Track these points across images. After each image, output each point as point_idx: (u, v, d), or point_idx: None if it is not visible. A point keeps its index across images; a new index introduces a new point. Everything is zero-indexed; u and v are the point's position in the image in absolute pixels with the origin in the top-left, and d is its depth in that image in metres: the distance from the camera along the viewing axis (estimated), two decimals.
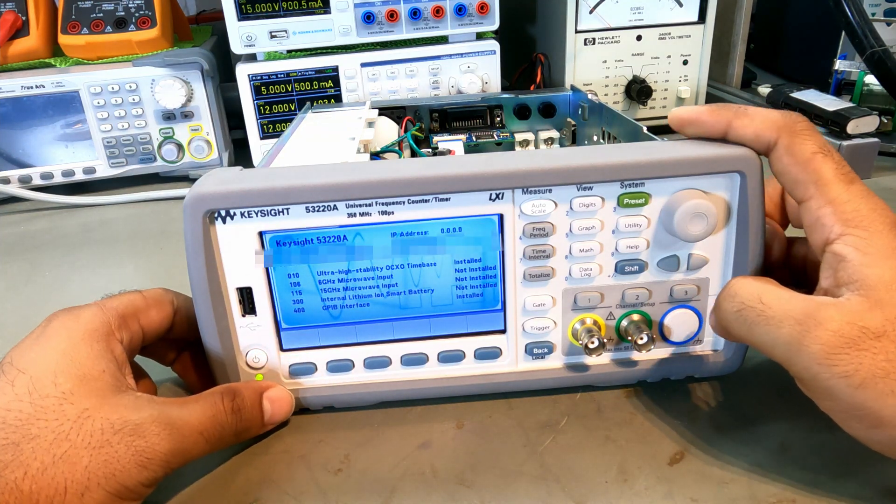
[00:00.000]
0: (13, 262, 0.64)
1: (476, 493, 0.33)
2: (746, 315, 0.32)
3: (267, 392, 0.37)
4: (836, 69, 0.80)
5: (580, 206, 0.36)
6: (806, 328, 0.29)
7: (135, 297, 0.37)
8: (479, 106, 0.68)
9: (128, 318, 0.35)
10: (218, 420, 0.34)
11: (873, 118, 0.69)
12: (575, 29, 0.79)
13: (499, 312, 0.39)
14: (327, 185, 0.34)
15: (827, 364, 0.28)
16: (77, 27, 0.78)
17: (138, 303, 0.36)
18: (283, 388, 0.38)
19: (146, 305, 0.37)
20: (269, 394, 0.37)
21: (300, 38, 0.74)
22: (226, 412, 0.34)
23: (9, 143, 0.76)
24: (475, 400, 0.40)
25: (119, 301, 0.36)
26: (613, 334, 0.39)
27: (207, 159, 0.80)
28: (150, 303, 0.37)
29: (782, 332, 0.30)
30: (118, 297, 0.36)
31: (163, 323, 0.37)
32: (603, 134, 0.59)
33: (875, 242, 0.30)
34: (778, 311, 0.30)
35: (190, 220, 0.35)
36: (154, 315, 0.37)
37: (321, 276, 0.37)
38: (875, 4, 0.84)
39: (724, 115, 0.34)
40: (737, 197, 0.36)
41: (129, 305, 0.36)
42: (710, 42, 0.82)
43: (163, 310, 0.37)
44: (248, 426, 0.36)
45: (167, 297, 0.38)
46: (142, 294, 0.37)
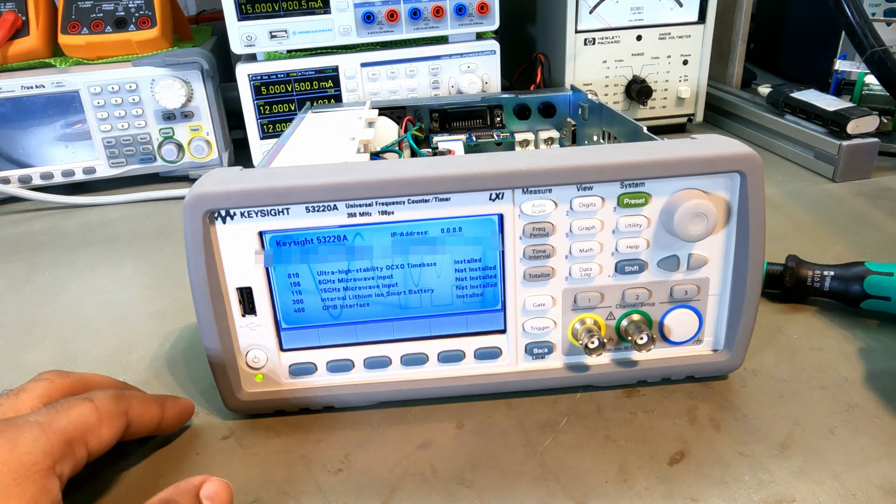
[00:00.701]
0: (13, 262, 0.64)
1: (476, 493, 0.33)
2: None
3: (203, 490, 0.32)
4: (836, 69, 0.80)
5: (580, 206, 0.36)
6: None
7: (86, 413, 0.31)
8: (479, 106, 0.68)
9: (75, 444, 0.30)
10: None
11: (873, 118, 0.69)
12: (575, 29, 0.79)
13: (499, 312, 0.39)
14: (327, 185, 0.34)
15: None
16: (77, 27, 0.78)
17: (89, 421, 0.31)
18: (218, 481, 0.32)
19: (98, 423, 0.32)
20: (206, 491, 0.32)
21: (300, 38, 0.74)
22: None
23: (9, 143, 0.76)
24: (475, 400, 0.40)
25: (67, 420, 0.30)
26: (613, 334, 0.39)
27: (207, 159, 0.80)
28: (102, 418, 0.32)
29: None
30: (67, 412, 0.31)
31: (112, 441, 0.33)
32: (603, 134, 0.59)
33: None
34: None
35: (190, 220, 0.35)
36: (105, 434, 0.32)
37: (321, 276, 0.37)
38: (875, 4, 0.84)
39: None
40: (737, 197, 0.36)
41: (78, 426, 0.31)
42: (710, 42, 0.82)
43: (115, 426, 0.33)
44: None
45: (121, 407, 0.34)
46: (94, 405, 0.32)
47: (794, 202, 0.65)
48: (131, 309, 0.54)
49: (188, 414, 0.39)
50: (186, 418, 0.39)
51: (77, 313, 0.54)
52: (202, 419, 0.40)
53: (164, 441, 0.38)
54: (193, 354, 0.47)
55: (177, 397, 0.39)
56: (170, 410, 0.37)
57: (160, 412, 0.37)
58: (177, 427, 0.39)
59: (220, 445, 0.38)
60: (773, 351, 0.43)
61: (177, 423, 0.39)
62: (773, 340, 0.44)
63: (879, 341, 0.43)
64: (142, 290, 0.57)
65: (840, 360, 0.42)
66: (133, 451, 0.38)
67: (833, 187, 0.69)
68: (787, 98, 0.77)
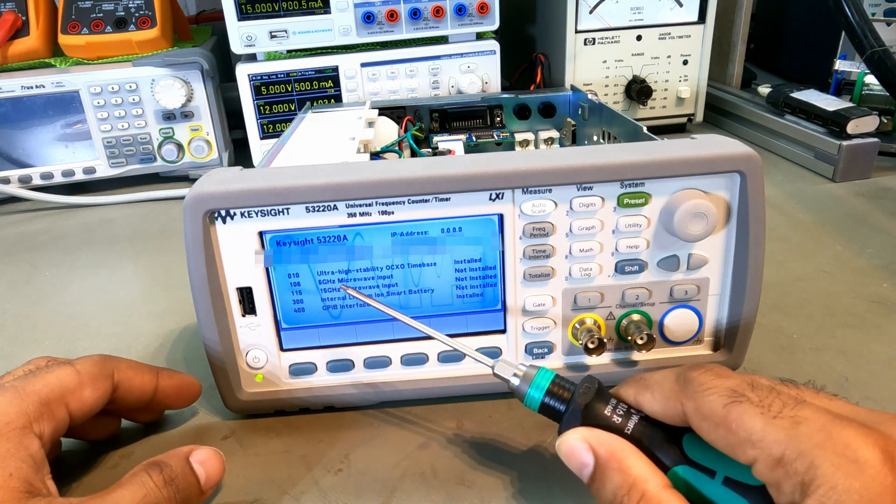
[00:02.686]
0: (13, 262, 0.64)
1: (476, 493, 0.33)
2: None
3: (193, 456, 0.32)
4: (836, 69, 0.80)
5: (580, 206, 0.36)
6: None
7: (65, 375, 0.32)
8: (479, 106, 0.68)
9: (52, 405, 0.30)
10: (152, 499, 0.29)
11: (873, 118, 0.69)
12: (575, 29, 0.79)
13: (499, 312, 0.39)
14: (327, 185, 0.34)
15: None
16: (77, 27, 0.78)
17: (68, 382, 0.31)
18: (208, 448, 0.33)
19: (78, 384, 0.32)
20: (196, 457, 0.32)
21: (300, 38, 0.74)
22: (158, 487, 0.29)
23: (9, 143, 0.76)
24: (475, 400, 0.40)
25: (44, 382, 0.31)
26: (613, 334, 0.39)
27: (207, 159, 0.80)
28: (84, 380, 0.32)
29: None
30: (44, 376, 0.31)
31: (97, 402, 0.33)
32: (603, 134, 0.59)
33: (848, 499, 0.21)
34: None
35: (190, 220, 0.35)
36: (87, 395, 0.32)
37: (321, 275, 0.37)
38: (875, 4, 0.84)
39: (629, 395, 0.30)
40: (737, 197, 0.36)
41: (55, 388, 0.31)
42: (710, 42, 0.82)
43: (99, 388, 0.33)
44: (187, 496, 0.31)
45: (106, 369, 0.34)
46: (75, 368, 0.32)
47: (794, 202, 0.65)
48: (131, 309, 0.54)
49: (190, 390, 0.39)
50: (190, 395, 0.39)
51: (77, 313, 0.54)
52: (202, 419, 0.40)
53: (165, 441, 0.38)
54: (193, 354, 0.47)
55: (177, 371, 0.39)
56: (165, 380, 0.37)
57: (153, 380, 0.36)
58: (179, 402, 0.38)
59: (220, 445, 0.38)
60: (773, 351, 0.43)
61: (176, 397, 0.38)
62: (773, 340, 0.44)
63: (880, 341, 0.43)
64: (142, 290, 0.57)
65: (840, 360, 0.42)
66: (133, 450, 0.38)
67: (833, 187, 0.69)
68: (787, 98, 0.77)
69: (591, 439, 0.28)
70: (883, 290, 0.49)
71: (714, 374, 0.26)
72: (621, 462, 0.27)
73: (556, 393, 0.31)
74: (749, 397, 0.25)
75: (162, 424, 0.40)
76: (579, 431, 0.29)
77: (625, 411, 0.29)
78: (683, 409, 0.26)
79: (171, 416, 0.40)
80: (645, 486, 0.26)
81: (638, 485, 0.26)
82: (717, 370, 0.27)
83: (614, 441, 0.28)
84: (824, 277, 0.52)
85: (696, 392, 0.26)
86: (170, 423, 0.40)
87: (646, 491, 0.26)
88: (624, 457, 0.27)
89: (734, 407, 0.24)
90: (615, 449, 0.28)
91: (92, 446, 0.38)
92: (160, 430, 0.39)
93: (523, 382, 0.31)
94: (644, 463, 0.27)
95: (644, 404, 0.29)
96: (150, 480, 0.29)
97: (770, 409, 0.24)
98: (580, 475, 0.29)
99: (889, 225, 0.60)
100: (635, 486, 0.26)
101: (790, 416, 0.23)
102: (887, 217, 0.61)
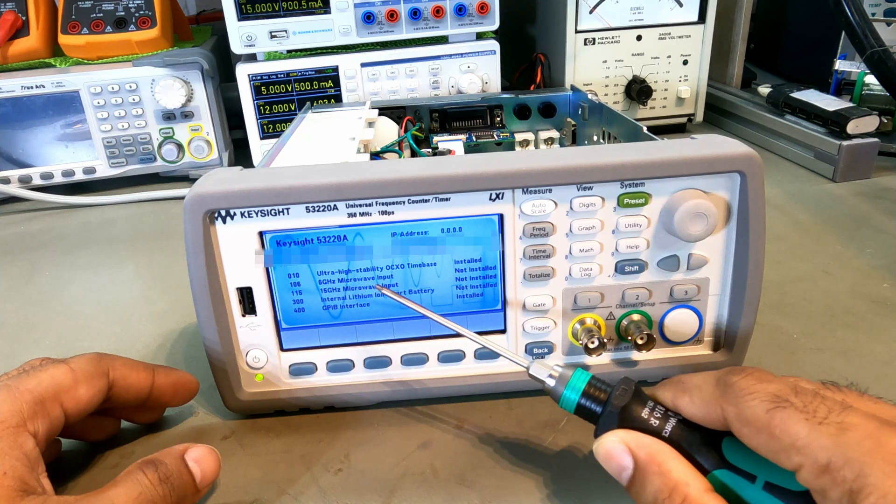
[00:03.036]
0: (13, 262, 0.64)
1: (476, 493, 0.33)
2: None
3: (188, 454, 0.32)
4: (836, 69, 0.80)
5: (580, 206, 0.36)
6: None
7: (59, 373, 0.32)
8: (479, 106, 0.68)
9: (47, 403, 0.30)
10: (147, 497, 0.29)
11: (873, 118, 0.69)
12: (575, 29, 0.79)
13: (499, 312, 0.39)
14: (327, 185, 0.34)
15: None
16: (77, 27, 0.78)
17: (63, 380, 0.31)
18: (203, 446, 0.33)
19: (73, 382, 0.32)
20: (192, 455, 0.32)
21: (300, 38, 0.74)
22: (153, 485, 0.29)
23: (9, 143, 0.76)
24: (475, 400, 0.40)
25: (38, 381, 0.31)
26: (613, 334, 0.39)
27: (207, 159, 0.80)
28: (78, 378, 0.32)
29: None
30: (38, 375, 0.31)
31: (93, 401, 0.33)
32: (603, 134, 0.59)
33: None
34: None
35: (190, 220, 0.35)
36: (82, 393, 0.32)
37: (321, 275, 0.37)
38: (875, 4, 0.84)
39: (667, 398, 0.30)
40: (737, 197, 0.36)
41: (49, 386, 0.31)
42: (710, 42, 0.82)
43: (94, 386, 0.33)
44: (182, 494, 0.31)
45: (101, 367, 0.33)
46: (69, 367, 0.32)
47: (794, 202, 0.65)
48: (131, 309, 0.54)
49: (187, 387, 0.38)
50: (187, 392, 0.39)
51: (77, 313, 0.54)
52: (202, 419, 0.40)
53: (164, 441, 0.38)
54: (193, 354, 0.47)
55: (173, 368, 0.39)
56: (161, 378, 0.37)
57: (149, 377, 0.36)
58: (176, 399, 0.38)
59: (220, 445, 0.38)
60: (773, 351, 0.43)
61: (173, 394, 0.38)
62: (773, 340, 0.44)
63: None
64: (142, 290, 0.57)
65: (840, 360, 0.42)
66: (133, 450, 0.38)
67: (833, 187, 0.69)
68: (787, 98, 0.77)
69: (630, 442, 0.28)
70: (883, 290, 0.49)
71: (755, 379, 0.26)
72: (661, 465, 0.27)
73: (592, 394, 0.30)
74: (793, 402, 0.24)
75: (161, 425, 0.40)
76: (617, 434, 0.29)
77: (662, 414, 0.29)
78: (724, 413, 0.26)
79: (171, 417, 0.40)
80: (686, 489, 0.26)
81: (679, 488, 0.26)
82: (759, 374, 0.26)
83: (654, 444, 0.28)
84: (824, 277, 0.52)
85: (737, 397, 0.26)
86: (169, 424, 0.40)
87: (687, 495, 0.26)
88: (664, 460, 0.27)
89: (777, 412, 0.24)
90: (655, 452, 0.27)
91: (92, 446, 0.38)
92: (160, 431, 0.39)
93: (559, 383, 0.31)
94: (685, 466, 0.27)
95: (682, 407, 0.28)
96: (145, 478, 0.29)
97: (815, 414, 0.24)
98: (618, 478, 0.28)
99: (889, 225, 0.60)
100: (676, 490, 0.26)
101: (836, 423, 0.23)
102: (887, 217, 0.61)
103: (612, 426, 0.29)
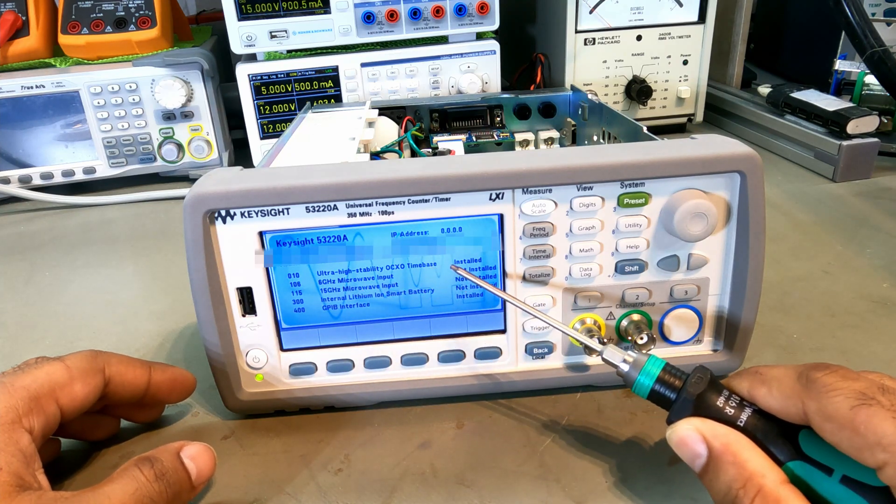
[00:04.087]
0: (13, 262, 0.64)
1: (476, 493, 0.33)
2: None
3: (184, 451, 0.32)
4: (836, 69, 0.80)
5: (580, 206, 0.36)
6: None
7: (54, 370, 0.32)
8: (479, 106, 0.68)
9: (42, 400, 0.30)
10: (143, 493, 0.29)
11: (873, 118, 0.69)
12: (575, 29, 0.79)
13: (499, 312, 0.39)
14: (327, 185, 0.34)
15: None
16: (77, 27, 0.78)
17: (58, 377, 0.31)
18: (199, 444, 0.33)
19: (69, 379, 0.32)
20: (187, 452, 0.32)
21: (300, 38, 0.74)
22: (149, 482, 0.30)
23: (9, 143, 0.76)
24: (475, 400, 0.40)
25: (32, 378, 0.31)
26: (613, 334, 0.39)
27: (207, 159, 0.80)
28: (74, 375, 0.32)
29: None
30: (33, 372, 0.31)
31: (88, 397, 0.33)
32: (603, 134, 0.59)
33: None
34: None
35: (190, 220, 0.35)
36: (78, 390, 0.32)
37: (321, 275, 0.37)
38: (875, 4, 0.84)
39: (743, 388, 0.29)
40: (737, 197, 0.36)
41: (44, 383, 0.31)
42: (710, 42, 0.82)
43: (89, 382, 0.33)
44: (178, 491, 0.31)
45: (96, 364, 0.33)
46: (65, 364, 0.32)
47: (794, 202, 0.65)
48: (131, 309, 0.54)
49: (184, 383, 0.38)
50: (184, 389, 0.38)
51: (77, 313, 0.54)
52: (202, 419, 0.40)
53: (164, 441, 0.38)
54: (193, 354, 0.47)
55: (170, 365, 0.38)
56: (158, 374, 0.37)
57: (146, 374, 0.36)
58: (174, 396, 0.38)
59: (220, 445, 0.38)
60: (773, 351, 0.43)
61: (170, 390, 0.37)
62: (773, 340, 0.44)
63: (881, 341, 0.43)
64: (142, 290, 0.57)
65: (840, 360, 0.42)
66: (133, 450, 0.38)
67: (833, 187, 0.69)
68: (787, 98, 0.77)
69: (706, 430, 0.28)
70: (883, 290, 0.49)
71: (840, 376, 0.26)
72: (737, 455, 0.27)
73: (666, 381, 0.30)
74: (880, 401, 0.24)
75: (161, 424, 0.40)
76: (692, 422, 0.29)
77: (738, 403, 0.29)
78: (805, 408, 0.26)
79: (171, 416, 0.40)
80: (762, 480, 0.26)
81: (754, 479, 0.26)
82: (843, 372, 0.26)
83: (729, 433, 0.28)
84: (824, 277, 0.52)
85: (820, 392, 0.25)
86: (169, 423, 0.40)
87: (762, 486, 0.26)
88: (739, 450, 0.27)
89: (862, 409, 0.24)
90: (730, 441, 0.27)
91: (91, 446, 0.38)
92: (159, 430, 0.39)
93: (633, 369, 0.31)
94: (760, 457, 0.27)
95: (759, 399, 0.28)
96: (141, 475, 0.30)
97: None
98: (692, 465, 0.28)
99: (889, 225, 0.60)
100: (752, 480, 0.26)
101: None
102: (887, 217, 0.61)
103: (686, 413, 0.29)
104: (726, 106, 0.88)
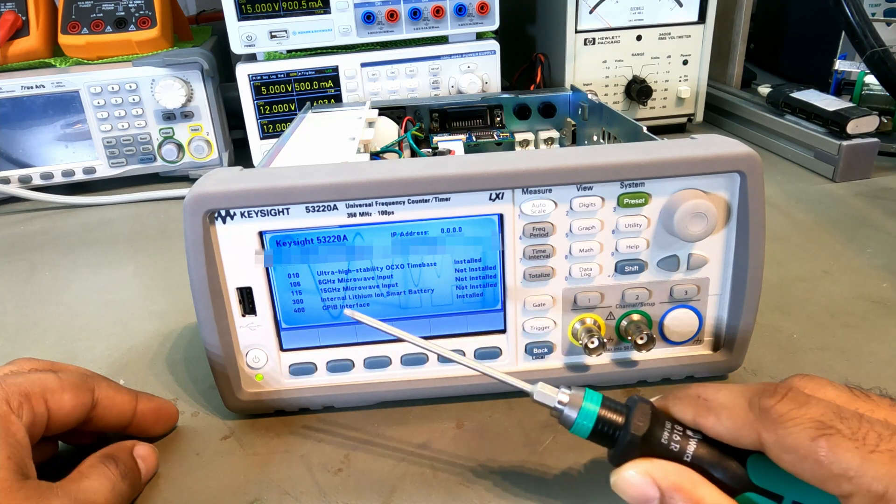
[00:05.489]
0: (13, 262, 0.64)
1: (476, 493, 0.33)
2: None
3: (136, 450, 0.34)
4: (836, 69, 0.80)
5: (580, 206, 0.36)
6: None
7: (45, 377, 0.32)
8: (479, 106, 0.68)
9: (33, 398, 0.31)
10: (117, 490, 0.31)
11: (873, 118, 0.69)
12: (575, 29, 0.79)
13: (499, 312, 0.39)
14: (327, 185, 0.34)
15: None
16: (77, 27, 0.78)
17: (49, 383, 0.32)
18: (148, 444, 0.35)
19: (59, 387, 0.32)
20: (138, 452, 0.34)
21: (300, 38, 0.74)
22: (119, 478, 0.31)
23: (9, 143, 0.76)
24: (475, 400, 0.40)
25: (25, 378, 0.31)
26: (613, 334, 0.39)
27: (207, 159, 0.80)
28: (64, 385, 0.32)
29: None
30: (25, 374, 0.32)
31: (75, 410, 0.33)
32: (603, 134, 0.59)
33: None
34: None
35: (190, 220, 0.35)
36: (67, 399, 0.32)
37: (321, 275, 0.37)
38: (875, 4, 0.84)
39: (686, 415, 0.28)
40: (737, 197, 0.36)
41: (36, 383, 0.31)
42: (710, 42, 0.82)
43: (78, 396, 0.33)
44: (134, 490, 0.33)
45: (87, 383, 0.34)
46: (57, 375, 0.33)
47: (794, 202, 0.65)
48: (131, 309, 0.54)
49: (168, 415, 0.38)
50: (168, 421, 0.38)
51: (77, 313, 0.54)
52: (202, 419, 0.40)
53: (165, 441, 0.38)
54: (193, 354, 0.47)
55: (155, 395, 0.39)
56: (144, 404, 0.37)
57: (132, 402, 0.36)
58: (157, 428, 0.38)
59: (220, 445, 0.38)
60: (773, 351, 0.43)
61: (154, 422, 0.37)
62: (773, 340, 0.44)
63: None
64: (142, 290, 0.57)
65: (840, 360, 0.42)
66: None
67: (833, 187, 0.69)
68: (787, 98, 0.77)
69: (655, 472, 0.27)
70: (883, 290, 0.49)
71: (795, 404, 0.25)
72: (691, 493, 0.26)
73: (606, 419, 0.29)
74: (839, 429, 0.23)
75: None
76: (639, 465, 0.27)
77: (682, 434, 0.28)
78: (761, 439, 0.25)
79: None
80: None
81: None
82: (793, 396, 0.25)
83: (681, 472, 0.27)
84: (824, 277, 0.52)
85: (776, 423, 0.24)
86: None
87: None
88: (692, 487, 0.26)
89: (822, 440, 0.23)
90: (681, 480, 0.26)
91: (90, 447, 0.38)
92: None
93: (570, 409, 0.29)
94: (714, 491, 0.26)
95: (707, 428, 0.27)
96: (111, 473, 0.31)
97: (865, 441, 0.23)
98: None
99: (889, 225, 0.60)
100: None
101: (889, 451, 0.22)
102: (887, 217, 0.61)
103: (632, 455, 0.28)
104: (726, 106, 0.88)
